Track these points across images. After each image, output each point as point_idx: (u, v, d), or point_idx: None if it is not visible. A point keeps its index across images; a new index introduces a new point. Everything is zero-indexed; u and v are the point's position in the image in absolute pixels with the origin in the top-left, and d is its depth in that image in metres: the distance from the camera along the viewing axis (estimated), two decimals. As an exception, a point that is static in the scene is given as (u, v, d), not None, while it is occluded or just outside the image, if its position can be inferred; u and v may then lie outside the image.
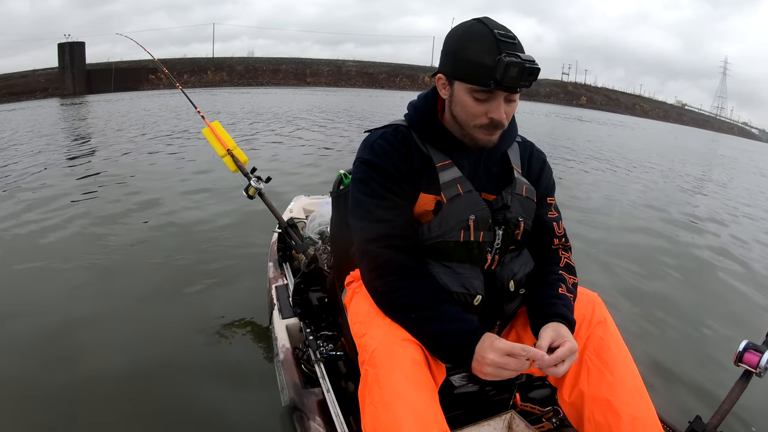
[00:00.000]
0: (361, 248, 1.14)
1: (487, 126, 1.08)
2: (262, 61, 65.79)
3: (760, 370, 1.14)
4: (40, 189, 5.40)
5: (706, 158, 16.88)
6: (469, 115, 1.08)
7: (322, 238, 2.30)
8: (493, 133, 1.11)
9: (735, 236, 5.31)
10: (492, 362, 0.97)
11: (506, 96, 1.05)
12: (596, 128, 24.31)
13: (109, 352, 2.20)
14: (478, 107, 1.06)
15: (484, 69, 1.00)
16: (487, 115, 1.06)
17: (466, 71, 1.04)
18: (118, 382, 1.99)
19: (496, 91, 1.02)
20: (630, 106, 75.02)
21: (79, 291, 2.84)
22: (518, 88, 1.02)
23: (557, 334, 1.03)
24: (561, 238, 1.27)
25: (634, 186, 7.77)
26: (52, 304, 2.66)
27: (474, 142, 1.13)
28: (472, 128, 1.10)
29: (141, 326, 2.44)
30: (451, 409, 1.22)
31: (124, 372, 2.06)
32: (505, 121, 1.08)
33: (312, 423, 1.31)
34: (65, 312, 2.57)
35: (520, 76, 0.99)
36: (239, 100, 24.34)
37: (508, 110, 1.08)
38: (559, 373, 1.00)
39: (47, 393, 1.93)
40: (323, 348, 1.53)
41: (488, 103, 1.05)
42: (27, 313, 2.57)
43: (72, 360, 2.15)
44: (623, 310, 2.95)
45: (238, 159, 2.45)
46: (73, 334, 2.36)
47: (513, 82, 0.99)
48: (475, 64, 1.02)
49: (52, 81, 45.68)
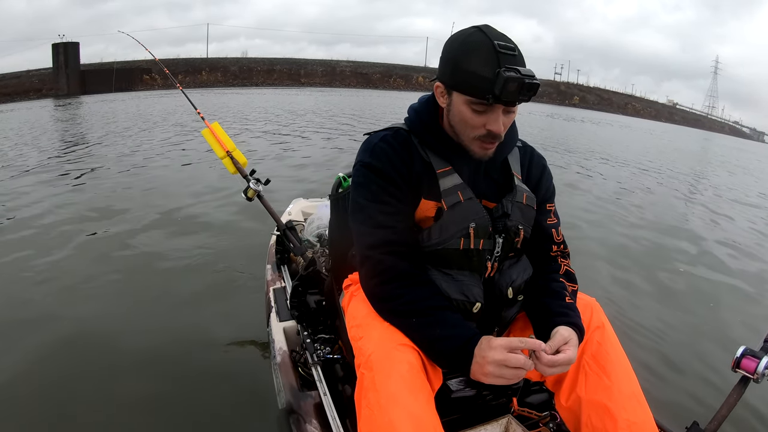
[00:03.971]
0: (362, 254, 1.13)
1: (484, 137, 1.08)
2: (257, 62, 65.81)
3: (758, 376, 1.15)
4: (38, 190, 5.39)
5: (690, 156, 16.94)
6: (467, 126, 1.08)
7: (321, 241, 2.29)
8: (489, 146, 1.10)
9: (734, 240, 5.33)
10: (493, 360, 0.96)
11: (505, 108, 1.05)
12: (588, 127, 24.40)
13: (101, 355, 2.19)
14: (476, 119, 1.06)
15: (483, 82, 0.99)
16: (485, 127, 1.06)
17: (465, 83, 1.03)
18: (112, 385, 1.99)
19: (495, 104, 1.02)
20: (622, 105, 75.54)
21: (72, 291, 2.83)
22: (517, 103, 1.02)
23: (569, 339, 1.04)
24: (560, 244, 1.27)
25: (630, 186, 7.80)
26: (48, 306, 2.65)
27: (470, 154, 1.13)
28: (469, 140, 1.10)
29: (134, 328, 2.42)
30: (448, 413, 1.21)
31: (118, 373, 2.06)
32: (502, 133, 1.08)
33: (309, 426, 1.31)
34: (60, 312, 2.57)
35: (519, 91, 0.98)
36: (237, 101, 24.27)
37: (507, 121, 1.07)
38: (547, 374, 1.01)
39: (47, 392, 1.93)
40: (320, 351, 1.52)
41: (486, 115, 1.05)
42: (28, 312, 2.57)
43: (71, 360, 2.15)
44: (621, 315, 2.96)
45: (237, 161, 2.44)
46: (71, 334, 2.36)
47: (511, 97, 0.99)
48: (474, 77, 1.01)
49: (45, 82, 45.47)
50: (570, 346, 1.03)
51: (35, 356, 2.17)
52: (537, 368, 1.00)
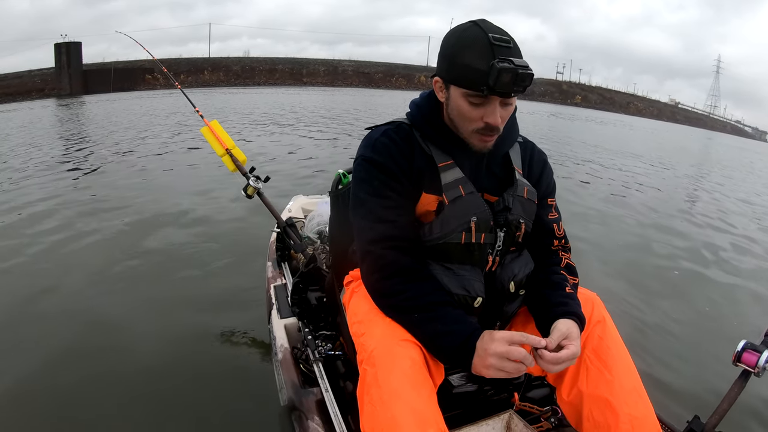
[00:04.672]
0: (363, 249, 1.13)
1: (483, 130, 1.08)
2: (259, 61, 65.75)
3: (759, 370, 1.15)
4: (37, 192, 5.40)
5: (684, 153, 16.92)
6: (465, 120, 1.08)
7: (321, 238, 2.30)
8: (489, 139, 1.10)
9: (735, 235, 5.33)
10: (495, 352, 0.96)
11: (502, 100, 1.04)
12: (592, 126, 24.36)
13: (103, 353, 2.20)
14: (473, 111, 1.06)
15: (478, 74, 1.00)
16: (483, 120, 1.06)
17: (461, 76, 1.04)
18: (114, 382, 1.99)
19: (491, 96, 1.02)
20: (624, 104, 75.29)
21: (71, 290, 2.84)
22: (512, 94, 1.02)
23: (568, 333, 1.04)
24: (561, 239, 1.27)
25: (629, 184, 7.79)
26: (52, 306, 2.65)
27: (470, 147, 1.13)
28: (468, 133, 1.10)
29: (133, 327, 2.43)
30: (449, 408, 1.22)
31: (119, 371, 2.06)
32: (500, 125, 1.07)
33: (310, 423, 1.31)
34: (64, 309, 2.58)
35: (513, 81, 0.98)
36: (237, 100, 24.28)
37: (504, 114, 1.07)
38: (552, 371, 1.01)
39: (50, 391, 1.93)
40: (322, 347, 1.52)
41: (483, 108, 1.05)
42: (29, 313, 2.57)
43: (68, 358, 2.15)
44: (622, 309, 2.96)
45: (236, 158, 2.44)
46: (68, 334, 2.36)
47: (506, 88, 0.99)
48: (469, 69, 1.01)
49: (48, 81, 45.51)
50: (571, 340, 1.02)
51: (36, 358, 2.17)
52: (542, 366, 1.00)
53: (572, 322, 1.07)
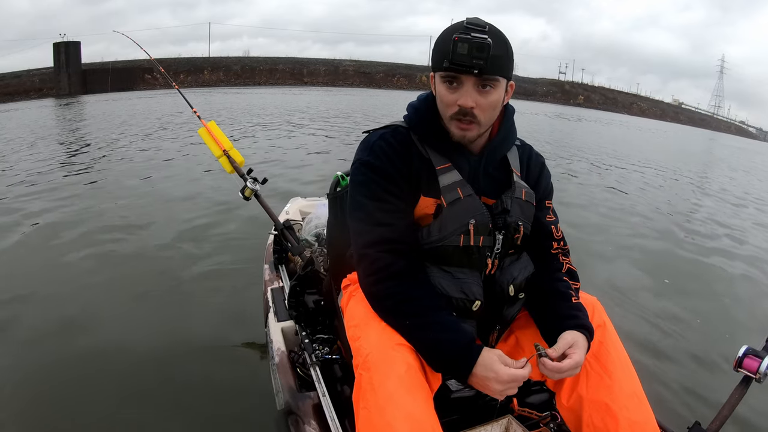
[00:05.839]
0: (359, 252, 1.13)
1: (457, 114, 1.07)
2: (259, 61, 65.63)
3: (760, 376, 1.14)
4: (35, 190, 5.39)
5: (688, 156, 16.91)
6: (444, 105, 1.10)
7: (319, 241, 2.29)
8: (465, 126, 1.09)
9: (736, 239, 5.32)
10: (495, 390, 0.99)
11: (479, 83, 1.04)
12: (595, 127, 24.39)
13: (96, 357, 2.19)
14: (449, 95, 1.07)
15: (443, 52, 1.03)
16: (457, 103, 1.06)
17: (435, 59, 1.08)
18: (109, 386, 1.98)
19: (462, 75, 1.03)
20: (627, 105, 75.09)
21: (68, 290, 2.83)
22: (473, 68, 1.01)
23: (574, 342, 1.03)
24: (560, 241, 1.26)
25: (630, 185, 7.78)
26: (47, 306, 2.65)
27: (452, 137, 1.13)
28: (447, 120, 1.11)
29: (128, 330, 2.42)
30: (447, 413, 1.20)
31: (114, 375, 2.05)
32: (475, 110, 1.06)
33: (307, 427, 1.30)
34: (58, 311, 2.57)
35: (470, 52, 0.99)
36: (238, 101, 24.29)
37: (481, 100, 1.06)
38: (554, 378, 1.04)
39: (48, 393, 1.94)
40: (319, 351, 1.51)
41: (459, 92, 1.06)
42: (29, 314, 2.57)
43: (68, 358, 2.15)
44: (622, 314, 2.95)
45: (234, 160, 2.42)
46: (67, 333, 2.37)
47: (464, 60, 1.00)
48: (439, 51, 1.06)
49: (46, 81, 45.39)
50: (575, 350, 1.02)
51: (36, 360, 2.17)
52: (545, 374, 1.01)
53: (580, 334, 1.06)
